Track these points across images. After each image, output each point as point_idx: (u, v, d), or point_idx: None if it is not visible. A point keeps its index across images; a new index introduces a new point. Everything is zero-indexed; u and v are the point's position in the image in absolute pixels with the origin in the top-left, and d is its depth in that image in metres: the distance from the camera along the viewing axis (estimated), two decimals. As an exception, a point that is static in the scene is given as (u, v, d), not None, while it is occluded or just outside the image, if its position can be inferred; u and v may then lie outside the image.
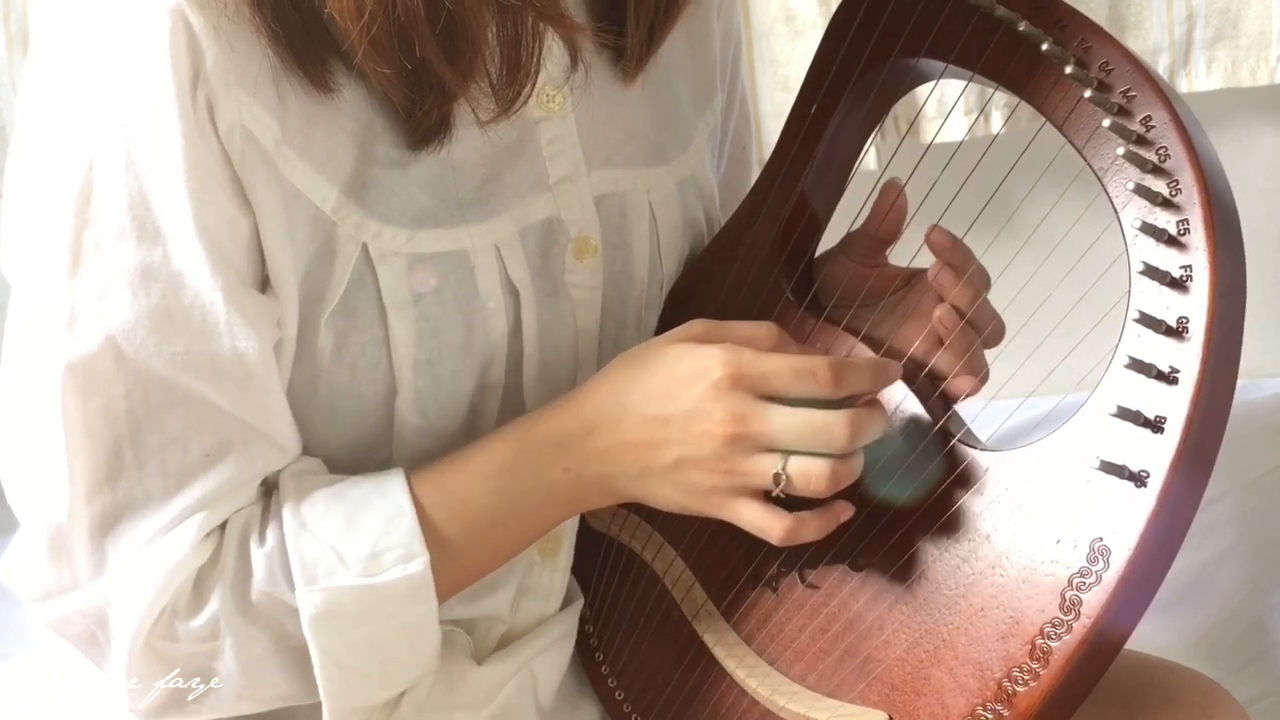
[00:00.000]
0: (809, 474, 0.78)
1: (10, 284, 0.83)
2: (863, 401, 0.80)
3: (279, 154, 0.79)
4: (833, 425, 0.78)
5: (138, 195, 0.77)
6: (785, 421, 0.78)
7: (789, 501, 0.80)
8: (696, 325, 0.82)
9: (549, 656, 0.93)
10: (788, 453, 0.78)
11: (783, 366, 0.79)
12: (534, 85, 0.82)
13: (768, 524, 0.79)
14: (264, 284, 0.81)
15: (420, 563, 0.81)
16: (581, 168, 0.89)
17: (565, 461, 0.82)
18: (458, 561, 0.84)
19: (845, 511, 0.81)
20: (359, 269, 0.83)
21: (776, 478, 0.78)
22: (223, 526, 0.83)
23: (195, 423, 0.80)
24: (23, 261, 0.81)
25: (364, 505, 0.82)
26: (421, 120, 0.82)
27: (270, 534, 0.82)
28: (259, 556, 0.82)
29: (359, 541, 0.82)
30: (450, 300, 0.85)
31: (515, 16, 0.80)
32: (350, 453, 0.87)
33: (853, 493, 0.82)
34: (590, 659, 0.96)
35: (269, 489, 0.85)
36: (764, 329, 0.82)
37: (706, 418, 0.79)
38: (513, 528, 0.85)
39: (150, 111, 0.76)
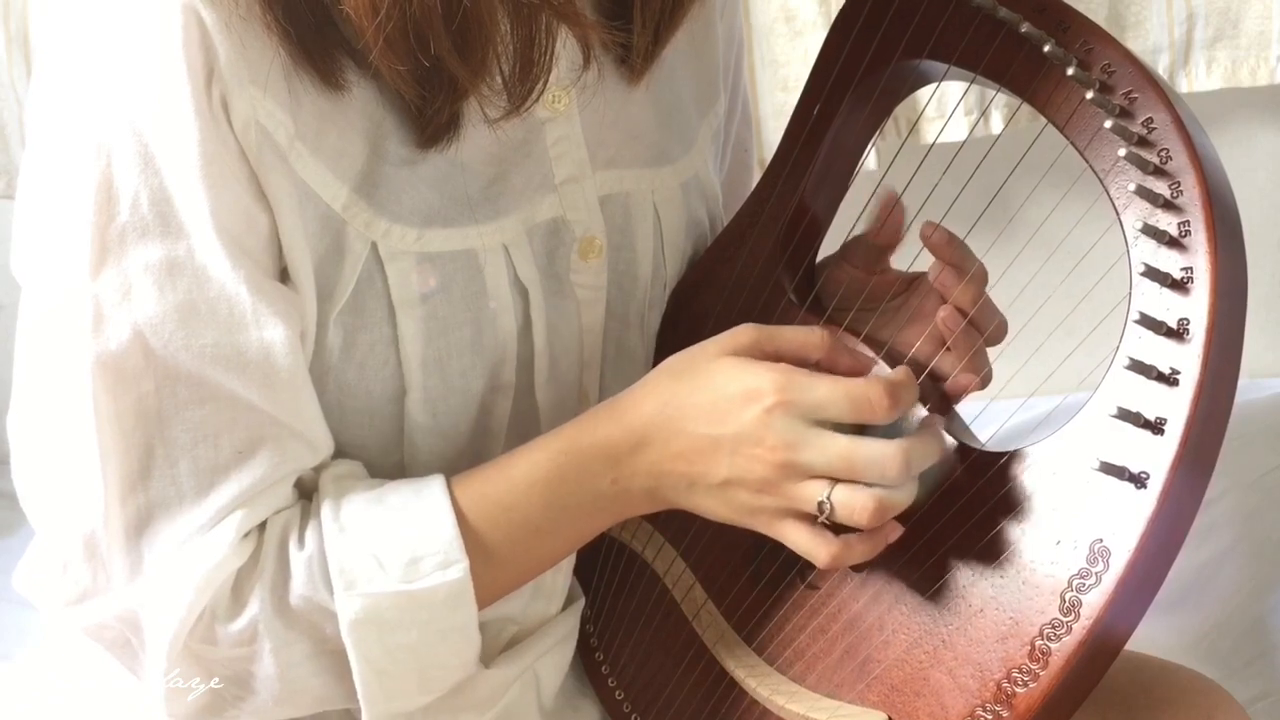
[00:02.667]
0: (853, 505, 0.77)
1: (22, 285, 0.82)
2: (922, 427, 0.79)
3: (292, 149, 0.79)
4: (886, 457, 0.76)
5: (158, 190, 0.77)
6: (837, 450, 0.77)
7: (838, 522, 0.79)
8: (745, 333, 0.81)
9: (551, 657, 0.93)
10: (835, 480, 0.77)
11: (837, 394, 0.77)
12: (546, 83, 0.82)
13: (814, 548, 0.78)
14: (283, 277, 0.81)
15: (459, 569, 0.81)
16: (586, 168, 0.89)
17: (613, 474, 0.82)
18: (498, 569, 0.84)
19: (894, 534, 0.79)
20: (368, 267, 0.83)
21: (821, 506, 0.77)
22: (261, 528, 0.83)
23: (226, 419, 0.80)
24: (40, 261, 0.81)
25: (404, 511, 0.82)
26: (432, 118, 0.82)
27: (310, 538, 0.82)
28: (298, 560, 0.82)
29: (398, 547, 0.81)
30: (459, 299, 0.85)
31: (530, 14, 0.80)
32: (362, 453, 0.87)
33: None
34: (590, 659, 0.96)
35: (307, 491, 0.85)
36: (816, 337, 0.80)
37: (758, 442, 0.78)
38: (556, 536, 0.84)
39: (166, 108, 0.76)
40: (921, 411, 0.83)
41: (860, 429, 0.79)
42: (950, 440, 0.82)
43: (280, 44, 0.78)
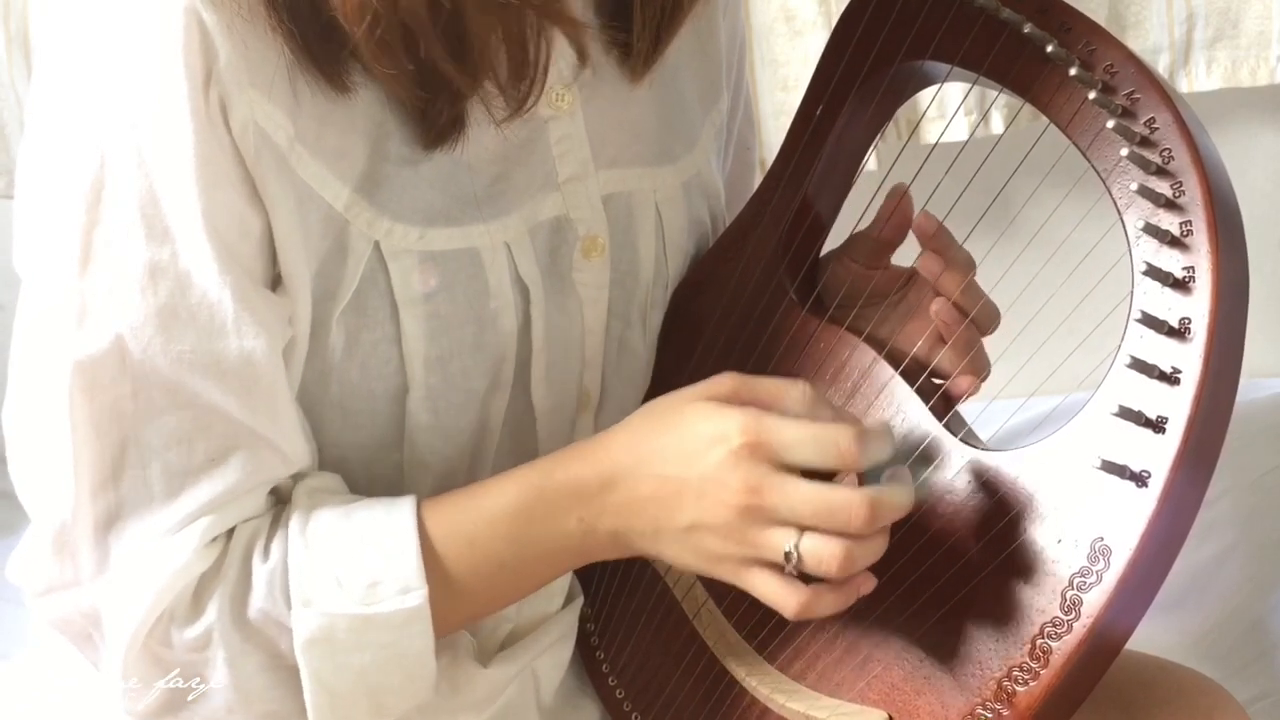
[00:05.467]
0: (820, 556, 0.75)
1: (22, 280, 0.83)
2: (890, 475, 0.78)
3: (292, 151, 0.79)
4: (852, 506, 0.75)
5: (147, 193, 0.77)
6: (803, 496, 0.75)
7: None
8: (725, 381, 0.79)
9: (550, 655, 0.93)
10: (804, 528, 0.75)
11: (805, 436, 0.76)
12: (544, 84, 0.82)
13: (782, 598, 0.77)
14: (275, 282, 0.81)
15: (418, 596, 0.81)
16: (589, 167, 0.90)
17: (579, 512, 0.81)
18: (461, 600, 0.83)
19: (866, 585, 0.78)
20: (371, 266, 0.83)
21: (788, 555, 0.75)
22: (230, 534, 0.83)
23: (200, 426, 0.80)
24: (34, 258, 0.81)
25: (370, 532, 0.82)
26: (434, 119, 0.82)
27: (275, 549, 0.82)
28: (261, 572, 0.81)
29: (360, 569, 0.81)
30: (461, 298, 0.85)
31: (516, 14, 0.80)
32: (361, 452, 0.87)
33: None
34: (591, 657, 0.97)
35: (283, 499, 0.85)
36: (796, 390, 0.78)
37: (722, 486, 0.76)
38: (520, 572, 0.83)
39: (162, 109, 0.76)
40: (909, 401, 0.83)
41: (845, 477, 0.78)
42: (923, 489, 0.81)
43: (285, 45, 0.78)
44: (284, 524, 0.83)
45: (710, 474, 0.76)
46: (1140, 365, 0.76)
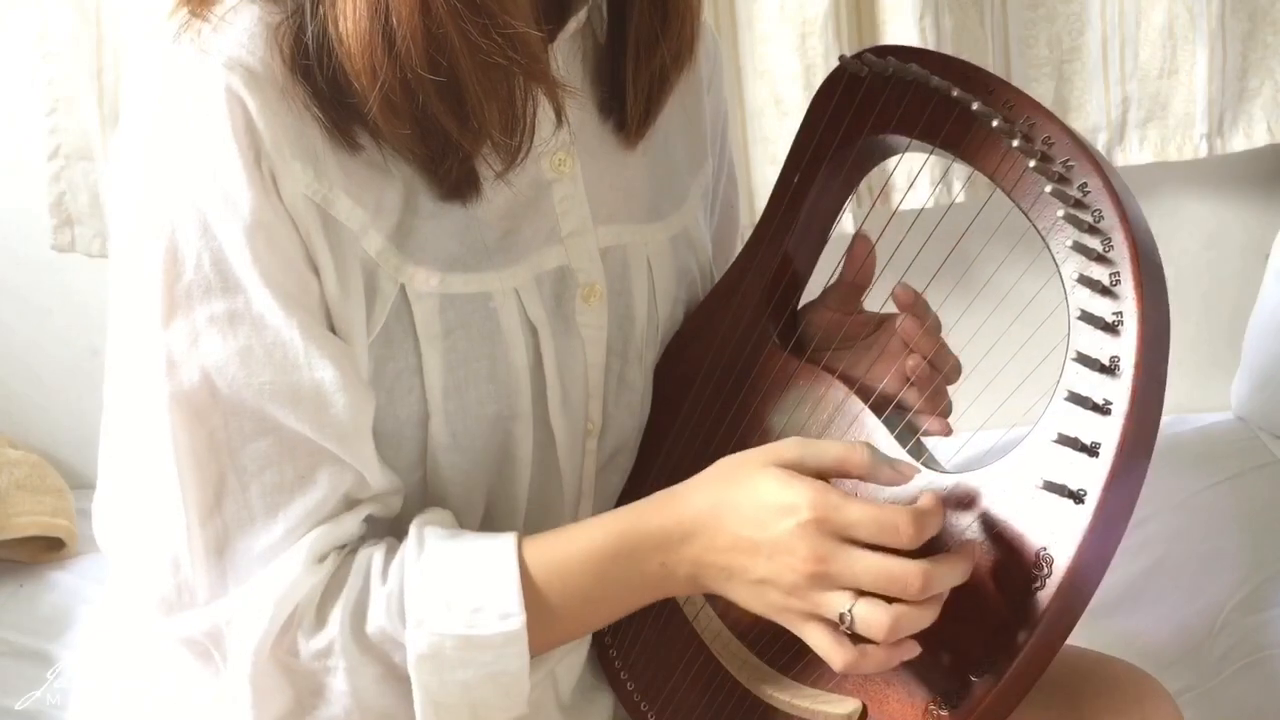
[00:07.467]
0: (870, 622, 0.79)
1: (110, 338, 0.88)
2: (958, 551, 0.82)
3: (336, 205, 0.85)
4: (908, 576, 0.79)
5: (218, 252, 0.83)
6: (864, 567, 0.79)
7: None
8: (791, 448, 0.83)
9: (569, 658, 0.99)
10: (860, 593, 0.80)
11: (867, 518, 0.80)
12: (532, 140, 0.87)
13: (831, 652, 0.81)
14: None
15: (516, 621, 0.85)
16: (589, 223, 0.95)
17: (661, 558, 0.85)
18: (551, 626, 0.87)
19: (910, 652, 0.81)
20: (397, 305, 0.89)
21: (842, 617, 0.80)
22: (349, 554, 0.88)
23: (286, 449, 0.86)
24: (120, 316, 0.87)
25: (476, 563, 0.87)
26: (445, 176, 0.88)
27: (393, 574, 0.86)
28: (380, 594, 0.86)
29: (467, 595, 0.85)
30: (476, 335, 0.91)
31: (506, 75, 0.85)
32: (390, 469, 0.91)
33: None
34: (605, 654, 1.01)
35: (396, 531, 0.90)
36: (857, 455, 0.82)
37: (791, 552, 0.81)
38: (602, 604, 0.88)
39: (221, 184, 0.82)
40: (877, 430, 0.87)
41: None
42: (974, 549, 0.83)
43: (318, 125, 0.84)
44: (401, 553, 0.87)
45: (781, 541, 0.81)
46: (1076, 398, 0.80)
